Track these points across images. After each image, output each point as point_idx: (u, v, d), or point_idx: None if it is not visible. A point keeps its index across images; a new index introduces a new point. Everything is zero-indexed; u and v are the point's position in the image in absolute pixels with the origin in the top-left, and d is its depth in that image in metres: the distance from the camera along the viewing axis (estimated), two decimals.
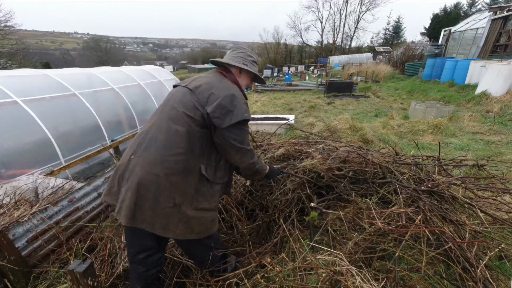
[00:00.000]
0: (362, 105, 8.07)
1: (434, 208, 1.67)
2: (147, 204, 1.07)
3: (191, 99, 1.17)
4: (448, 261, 1.39)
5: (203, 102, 1.15)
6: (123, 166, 1.15)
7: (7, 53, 19.85)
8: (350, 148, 2.55)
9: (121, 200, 1.10)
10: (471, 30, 11.99)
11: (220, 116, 1.13)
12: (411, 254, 1.52)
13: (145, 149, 1.12)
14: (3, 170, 2.89)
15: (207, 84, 1.21)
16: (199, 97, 1.16)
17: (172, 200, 1.10)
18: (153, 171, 1.07)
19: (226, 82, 1.26)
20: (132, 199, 1.06)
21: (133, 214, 1.07)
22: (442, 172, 2.24)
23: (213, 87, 1.19)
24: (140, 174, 1.07)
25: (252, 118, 6.17)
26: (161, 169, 1.08)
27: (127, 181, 1.10)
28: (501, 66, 6.13)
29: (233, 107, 1.15)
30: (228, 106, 1.15)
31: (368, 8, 38.03)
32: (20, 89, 3.56)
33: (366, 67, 15.78)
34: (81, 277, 1.05)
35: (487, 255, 1.37)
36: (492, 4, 25.22)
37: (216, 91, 1.17)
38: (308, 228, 1.94)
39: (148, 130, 1.18)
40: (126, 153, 1.19)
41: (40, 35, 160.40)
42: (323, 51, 40.77)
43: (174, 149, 1.11)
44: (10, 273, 1.51)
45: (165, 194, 1.08)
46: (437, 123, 4.69)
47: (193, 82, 1.26)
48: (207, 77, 1.28)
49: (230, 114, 1.14)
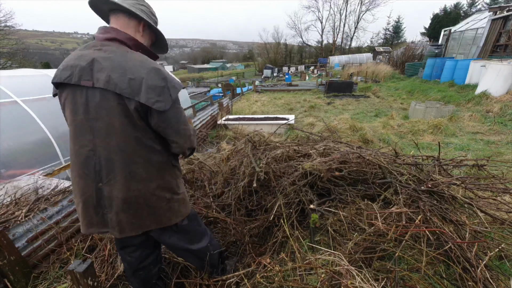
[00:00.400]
0: (362, 105, 8.07)
1: (434, 208, 1.67)
2: (145, 212, 1.07)
3: (112, 101, 0.93)
4: (448, 261, 1.40)
5: (128, 95, 0.91)
6: (93, 198, 1.02)
7: (7, 53, 19.84)
8: (350, 148, 2.55)
9: (117, 223, 1.04)
10: (471, 30, 11.99)
11: (158, 98, 0.93)
12: (411, 254, 1.52)
13: (108, 174, 0.99)
14: (3, 170, 2.89)
15: (115, 69, 0.91)
16: (118, 92, 0.91)
17: (164, 199, 1.10)
18: (132, 188, 1.01)
19: (133, 55, 0.96)
20: (130, 217, 1.04)
21: (138, 224, 1.07)
22: (442, 172, 2.24)
23: (127, 71, 0.91)
24: (121, 196, 1.00)
25: (252, 118, 6.18)
26: (137, 183, 1.02)
27: (110, 207, 1.02)
28: (501, 66, 6.13)
29: (163, 81, 0.95)
30: (158, 83, 0.94)
31: (368, 8, 38.13)
32: (20, 89, 3.56)
33: (366, 67, 15.79)
34: (81, 277, 1.05)
35: (487, 255, 1.37)
36: (492, 4, 25.22)
37: (132, 74, 0.91)
38: (308, 228, 1.94)
39: (94, 154, 0.98)
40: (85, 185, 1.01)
41: (40, 35, 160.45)
42: (323, 51, 40.78)
43: (135, 161, 1.00)
44: (10, 273, 1.51)
45: (154, 199, 1.07)
46: (437, 123, 4.69)
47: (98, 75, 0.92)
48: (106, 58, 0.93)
49: (165, 90, 0.95)
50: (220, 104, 7.19)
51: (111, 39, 0.99)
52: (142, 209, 1.06)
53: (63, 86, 0.98)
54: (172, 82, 0.98)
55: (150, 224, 1.09)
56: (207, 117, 6.11)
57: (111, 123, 0.95)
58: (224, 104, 7.51)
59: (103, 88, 0.92)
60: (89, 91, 0.94)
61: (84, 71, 0.93)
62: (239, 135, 4.86)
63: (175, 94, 0.98)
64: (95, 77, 0.92)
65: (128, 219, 1.05)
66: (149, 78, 0.92)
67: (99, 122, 0.95)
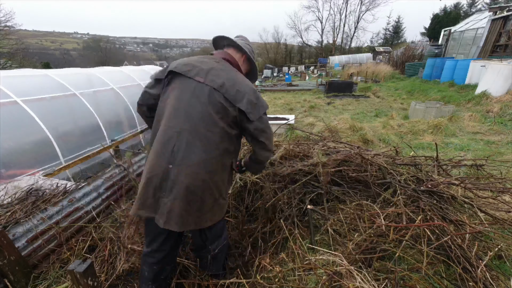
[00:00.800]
0: (362, 105, 8.07)
1: (434, 208, 1.67)
2: (195, 207, 1.14)
3: (218, 99, 1.16)
4: (448, 261, 1.40)
5: (232, 101, 1.17)
6: (158, 177, 1.12)
7: (7, 53, 19.83)
8: (350, 148, 2.55)
9: (168, 211, 1.11)
10: (471, 30, 11.99)
11: (252, 110, 1.19)
12: (411, 254, 1.52)
13: (184, 157, 1.11)
14: (3, 170, 2.89)
15: (229, 80, 1.20)
16: (226, 96, 1.17)
17: (213, 197, 1.20)
18: (199, 177, 1.12)
19: (241, 76, 1.29)
20: (182, 207, 1.11)
21: (184, 220, 1.13)
22: (441, 172, 2.25)
23: (236, 83, 1.20)
24: (186, 182, 1.10)
25: None
26: (206, 173, 1.14)
27: (170, 191, 1.11)
28: (501, 66, 6.13)
29: (258, 100, 1.23)
30: (255, 100, 1.21)
31: (368, 8, 38.07)
32: (20, 89, 3.55)
33: (366, 67, 15.79)
34: (81, 277, 1.05)
35: (487, 255, 1.37)
36: (492, 4, 25.20)
37: (240, 88, 1.20)
38: (308, 227, 1.94)
39: (178, 136, 1.13)
40: (156, 162, 1.14)
41: (40, 35, 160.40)
42: (323, 51, 40.77)
43: (214, 152, 1.16)
44: (10, 273, 1.51)
45: (208, 193, 1.17)
46: (437, 123, 4.69)
47: (210, 77, 1.19)
48: (222, 70, 1.24)
49: (257, 106, 1.22)
50: None
51: (225, 59, 1.34)
52: (195, 202, 1.14)
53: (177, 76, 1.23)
54: (261, 103, 1.25)
55: (191, 223, 1.16)
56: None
57: (206, 114, 1.15)
58: None
59: (215, 88, 1.16)
60: (198, 85, 1.18)
61: (201, 71, 1.21)
62: None
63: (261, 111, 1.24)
64: (208, 78, 1.19)
65: (180, 210, 1.11)
66: (250, 94, 1.21)
67: (196, 110, 1.15)
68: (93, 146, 4.03)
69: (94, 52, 57.55)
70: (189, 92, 1.18)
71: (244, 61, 1.44)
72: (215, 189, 1.20)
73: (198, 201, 1.14)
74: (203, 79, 1.18)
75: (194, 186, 1.12)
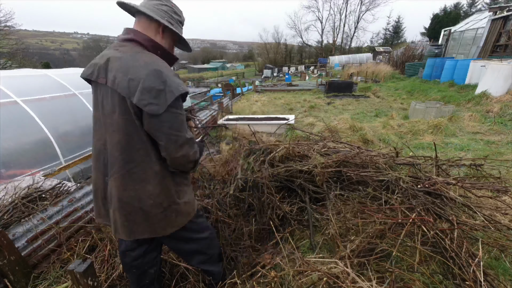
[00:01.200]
0: (362, 105, 8.07)
1: (429, 207, 1.67)
2: (138, 218, 1.06)
3: (118, 98, 0.96)
4: (447, 261, 1.40)
5: (126, 95, 0.92)
6: (101, 189, 1.10)
7: (7, 53, 19.81)
8: (350, 149, 2.56)
9: (113, 221, 1.08)
10: (471, 30, 11.99)
11: (152, 101, 0.91)
12: (409, 255, 1.52)
13: (111, 169, 1.03)
14: (3, 170, 2.89)
15: (121, 69, 0.94)
16: (120, 91, 0.93)
17: (160, 206, 1.07)
18: (129, 187, 1.02)
19: (141, 56, 0.97)
20: (122, 218, 1.05)
21: (130, 229, 1.07)
22: (440, 172, 2.25)
23: (129, 70, 0.93)
24: (117, 195, 1.03)
25: (252, 118, 6.19)
26: (135, 184, 1.02)
27: (110, 203, 1.08)
28: (501, 66, 6.13)
29: (162, 85, 0.92)
30: (156, 85, 0.91)
31: (368, 8, 38.12)
32: (20, 89, 3.56)
33: (366, 67, 15.79)
34: (81, 277, 1.05)
35: (485, 255, 1.37)
36: (492, 4, 25.20)
37: (133, 74, 0.92)
38: (307, 227, 1.94)
39: (104, 147, 1.04)
40: (96, 176, 1.10)
41: (40, 35, 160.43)
42: (323, 51, 40.77)
43: (135, 160, 1.01)
44: (10, 273, 1.51)
45: (149, 204, 1.04)
46: (437, 123, 4.69)
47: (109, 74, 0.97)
48: (118, 59, 0.97)
49: (162, 93, 0.92)
50: (220, 104, 7.19)
51: (129, 39, 1.03)
52: (136, 213, 1.04)
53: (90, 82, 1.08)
54: (171, 86, 0.94)
55: (143, 232, 1.08)
56: (207, 117, 6.12)
57: (115, 120, 0.98)
58: (224, 104, 7.51)
59: (110, 87, 0.97)
60: (103, 88, 1.00)
61: (101, 69, 1.00)
62: (240, 135, 4.85)
63: (171, 99, 0.93)
64: (108, 76, 0.98)
65: (122, 221, 1.06)
66: (147, 79, 0.91)
67: (108, 118, 1.01)
68: None
69: (94, 52, 57.47)
70: (98, 98, 1.03)
71: (164, 33, 1.08)
72: (158, 198, 1.05)
73: (139, 212, 1.04)
74: (104, 79, 0.98)
75: (126, 197, 1.03)
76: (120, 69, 0.94)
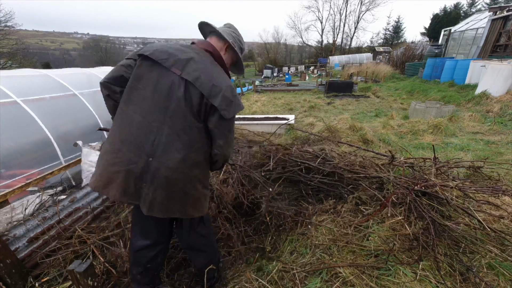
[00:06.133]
0: (362, 105, 8.07)
1: (424, 207, 1.67)
2: (177, 197, 1.17)
3: (195, 93, 1.12)
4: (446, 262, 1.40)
5: (207, 95, 1.13)
6: (138, 169, 1.11)
7: (7, 53, 19.81)
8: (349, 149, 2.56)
9: (150, 199, 1.13)
10: (471, 30, 11.99)
11: (226, 108, 1.16)
12: None
13: (164, 151, 1.11)
14: (3, 170, 2.89)
15: (206, 74, 1.15)
16: (201, 89, 1.12)
17: (196, 188, 1.22)
18: (179, 170, 1.14)
19: (220, 71, 1.24)
20: (164, 196, 1.14)
21: (168, 207, 1.16)
22: (438, 173, 2.24)
23: (213, 78, 1.15)
24: (166, 174, 1.12)
25: (252, 118, 6.18)
26: (186, 167, 1.15)
27: (151, 182, 1.12)
28: (501, 66, 6.13)
29: (233, 98, 1.20)
30: (231, 97, 1.18)
31: (368, 8, 38.04)
32: (20, 89, 3.55)
33: (366, 67, 15.78)
34: (81, 277, 1.05)
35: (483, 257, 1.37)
36: (492, 4, 25.22)
37: (217, 83, 1.15)
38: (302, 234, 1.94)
39: (157, 129, 1.11)
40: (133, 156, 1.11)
41: (40, 35, 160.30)
42: (323, 51, 40.75)
43: (194, 146, 1.17)
44: (7, 276, 1.49)
45: (191, 185, 1.19)
46: (437, 123, 4.69)
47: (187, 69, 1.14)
48: (201, 62, 1.18)
49: (232, 104, 1.19)
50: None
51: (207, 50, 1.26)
52: (178, 192, 1.16)
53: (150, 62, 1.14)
54: (238, 101, 1.22)
55: (176, 211, 1.19)
56: None
57: (184, 108, 1.12)
58: None
59: (191, 82, 1.12)
60: (176, 78, 1.13)
61: (179, 61, 1.14)
62: (239, 135, 4.86)
63: (237, 110, 1.21)
64: (185, 71, 1.13)
65: (162, 199, 1.14)
66: (226, 90, 1.17)
67: (174, 105, 1.12)
68: None
69: (94, 52, 57.35)
70: (166, 84, 1.13)
71: (227, 51, 1.34)
72: (197, 182, 1.22)
73: (180, 192, 1.17)
74: (179, 72, 1.13)
75: (174, 179, 1.14)
76: (204, 74, 1.15)
